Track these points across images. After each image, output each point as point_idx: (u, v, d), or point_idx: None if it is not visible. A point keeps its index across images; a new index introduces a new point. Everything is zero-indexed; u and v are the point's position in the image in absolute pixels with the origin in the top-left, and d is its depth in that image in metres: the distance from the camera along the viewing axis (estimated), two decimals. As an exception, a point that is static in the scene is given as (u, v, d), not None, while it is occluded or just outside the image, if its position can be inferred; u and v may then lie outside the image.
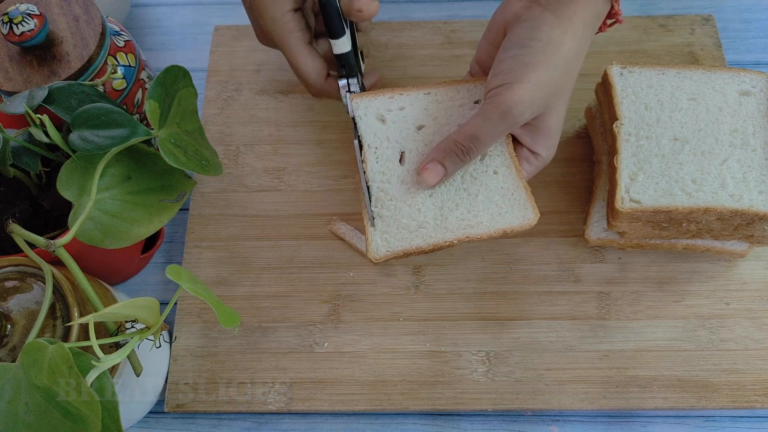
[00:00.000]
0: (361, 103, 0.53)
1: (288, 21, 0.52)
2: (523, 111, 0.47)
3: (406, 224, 0.51)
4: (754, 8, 0.70)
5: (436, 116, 0.53)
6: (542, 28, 0.47)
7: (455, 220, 0.51)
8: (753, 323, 0.54)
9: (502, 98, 0.46)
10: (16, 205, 0.51)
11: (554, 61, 0.47)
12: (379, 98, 0.54)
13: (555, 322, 0.55)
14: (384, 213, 0.51)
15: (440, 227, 0.51)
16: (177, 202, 0.49)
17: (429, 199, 0.51)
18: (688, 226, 0.52)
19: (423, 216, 0.51)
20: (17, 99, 0.46)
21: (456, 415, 0.54)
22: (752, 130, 0.53)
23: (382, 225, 0.51)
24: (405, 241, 0.50)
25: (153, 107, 0.45)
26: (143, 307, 0.39)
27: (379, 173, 0.52)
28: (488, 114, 0.47)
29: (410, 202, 0.51)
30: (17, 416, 0.36)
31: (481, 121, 0.48)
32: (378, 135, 0.53)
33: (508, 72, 0.47)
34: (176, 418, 0.55)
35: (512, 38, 0.48)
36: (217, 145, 0.63)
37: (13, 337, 0.42)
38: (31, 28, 0.49)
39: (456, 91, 0.54)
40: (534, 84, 0.46)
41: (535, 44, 0.46)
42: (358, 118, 0.53)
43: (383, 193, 0.51)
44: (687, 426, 0.53)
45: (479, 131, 0.48)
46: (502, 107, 0.46)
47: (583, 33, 0.48)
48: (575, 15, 0.47)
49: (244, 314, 0.56)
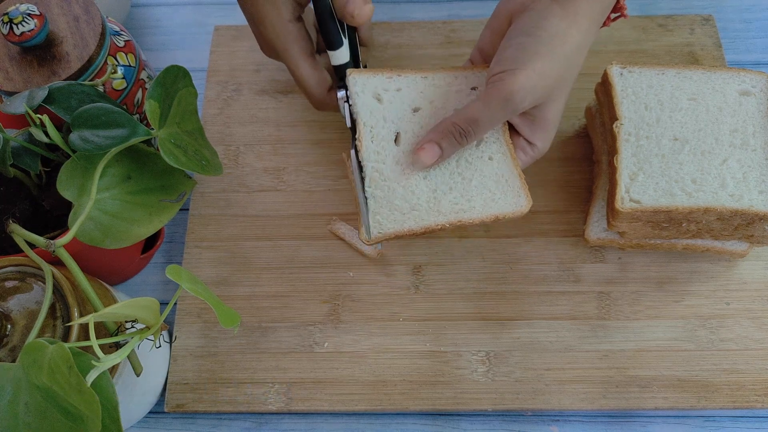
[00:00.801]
0: (359, 79, 0.53)
1: (289, 31, 0.52)
2: (524, 98, 0.47)
3: (399, 206, 0.50)
4: (754, 8, 0.70)
5: (433, 100, 0.53)
6: (549, 19, 0.47)
7: (448, 203, 0.51)
8: (753, 323, 0.54)
9: (504, 84, 0.46)
10: (16, 205, 0.51)
11: (558, 53, 0.47)
12: (377, 77, 0.53)
13: (555, 322, 0.55)
14: (377, 194, 0.51)
15: (433, 210, 0.50)
16: (177, 202, 0.49)
17: (423, 181, 0.51)
18: (688, 226, 0.52)
19: (416, 198, 0.51)
20: (17, 99, 0.46)
21: (456, 415, 0.54)
22: (752, 130, 0.53)
23: (375, 206, 0.50)
24: (397, 223, 0.50)
25: (153, 107, 0.45)
26: (143, 307, 0.39)
27: (374, 153, 0.51)
28: (489, 99, 0.47)
29: (404, 184, 0.51)
30: (17, 416, 0.36)
31: (481, 105, 0.48)
32: (374, 114, 0.52)
33: (511, 59, 0.47)
34: (176, 418, 0.55)
35: (518, 26, 0.48)
36: (217, 145, 0.63)
37: (13, 337, 0.42)
38: (31, 28, 0.49)
39: (454, 77, 0.54)
40: (537, 73, 0.46)
41: (541, 33, 0.46)
42: (354, 94, 0.52)
43: (377, 173, 0.51)
44: (687, 426, 0.53)
45: (479, 115, 0.48)
46: (504, 93, 0.46)
47: (588, 27, 0.48)
48: (581, 9, 0.47)
49: (244, 314, 0.56)
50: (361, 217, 0.51)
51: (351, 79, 0.53)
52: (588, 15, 0.47)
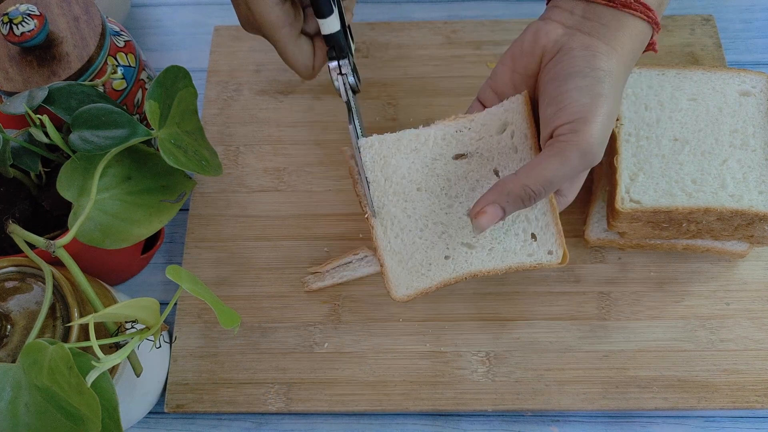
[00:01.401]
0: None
1: (277, 16, 0.50)
2: (601, 148, 0.43)
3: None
4: (754, 8, 0.70)
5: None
6: (600, 57, 0.43)
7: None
8: (753, 323, 0.54)
9: (581, 136, 0.42)
10: (16, 206, 0.51)
11: (615, 91, 0.43)
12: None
13: (555, 323, 0.55)
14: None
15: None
16: (177, 202, 0.49)
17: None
18: (688, 227, 0.52)
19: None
20: (17, 99, 0.46)
21: (456, 416, 0.54)
22: (752, 130, 0.53)
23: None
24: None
25: (153, 107, 0.45)
26: (143, 307, 0.39)
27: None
28: (566, 156, 0.42)
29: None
30: (17, 416, 0.36)
31: (557, 162, 0.42)
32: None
33: (577, 105, 0.42)
34: (176, 418, 0.55)
35: (568, 68, 0.44)
36: (217, 145, 0.63)
37: (13, 338, 0.42)
38: (31, 29, 0.49)
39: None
40: (606, 116, 0.42)
41: (598, 74, 0.43)
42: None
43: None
44: (687, 426, 0.53)
45: (554, 174, 0.42)
46: (583, 146, 0.42)
47: (630, 62, 0.45)
48: (625, 44, 0.45)
49: (244, 314, 0.56)
50: (366, 200, 0.50)
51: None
52: (629, 52, 0.45)
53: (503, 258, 0.49)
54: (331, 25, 0.51)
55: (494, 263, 0.49)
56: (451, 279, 0.49)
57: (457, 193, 0.50)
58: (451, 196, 0.50)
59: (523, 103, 0.49)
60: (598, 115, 0.42)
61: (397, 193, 0.50)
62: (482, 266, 0.49)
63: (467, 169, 0.50)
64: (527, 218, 0.49)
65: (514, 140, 0.49)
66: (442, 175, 0.50)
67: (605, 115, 0.42)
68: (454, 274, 0.49)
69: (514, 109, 0.49)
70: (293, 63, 0.54)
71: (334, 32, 0.51)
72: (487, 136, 0.50)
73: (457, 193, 0.50)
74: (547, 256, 0.48)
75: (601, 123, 0.42)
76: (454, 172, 0.50)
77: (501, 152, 0.49)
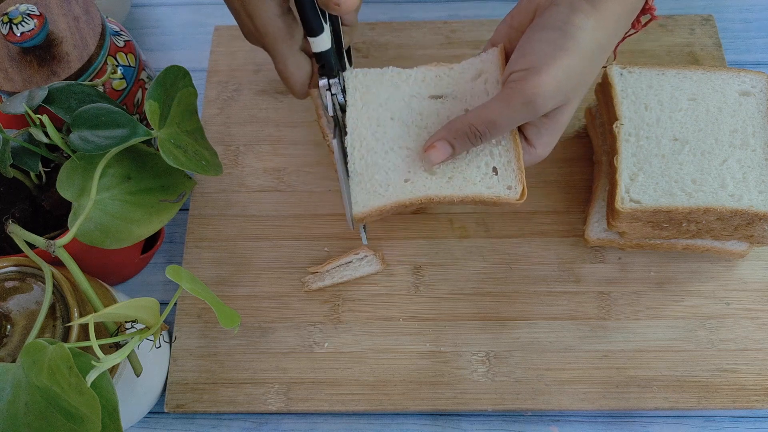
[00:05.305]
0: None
1: (279, 28, 0.49)
2: (547, 101, 0.44)
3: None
4: (754, 8, 0.70)
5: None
6: (578, 14, 0.44)
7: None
8: (753, 323, 0.54)
9: (526, 84, 0.43)
10: (16, 205, 0.51)
11: (585, 50, 0.43)
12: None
13: (555, 322, 0.55)
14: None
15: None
16: (177, 202, 0.49)
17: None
18: (688, 226, 0.52)
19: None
20: (17, 99, 0.46)
21: (456, 416, 0.54)
22: (752, 130, 0.53)
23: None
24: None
25: (153, 107, 0.45)
26: (143, 307, 0.39)
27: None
28: (509, 100, 0.44)
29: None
30: (17, 416, 0.36)
31: (500, 106, 0.44)
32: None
33: (535, 54, 0.43)
34: (176, 418, 0.55)
35: (543, 20, 0.45)
36: (217, 145, 0.63)
37: (13, 338, 0.42)
38: (31, 29, 0.49)
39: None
40: (563, 71, 0.43)
41: (569, 28, 0.43)
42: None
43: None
44: (687, 426, 0.53)
45: (497, 117, 0.45)
46: (526, 94, 0.43)
47: (614, 29, 0.45)
48: (610, 7, 0.44)
49: (244, 314, 0.56)
50: (345, 207, 0.50)
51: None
52: (615, 15, 0.45)
53: (462, 187, 0.49)
54: (321, 44, 0.50)
55: (452, 190, 0.49)
56: (407, 200, 0.49)
57: (426, 125, 0.51)
58: (421, 127, 0.51)
59: (497, 54, 0.51)
60: (553, 67, 0.42)
61: (371, 118, 0.52)
62: (440, 192, 0.49)
63: (440, 107, 0.51)
64: (491, 153, 0.50)
65: (487, 86, 0.51)
66: (416, 110, 0.52)
67: (562, 69, 0.43)
68: (411, 196, 0.49)
69: (489, 60, 0.51)
70: (289, 77, 0.52)
71: (324, 51, 0.51)
72: (463, 81, 0.52)
73: (427, 125, 0.51)
74: (506, 190, 0.49)
75: (554, 77, 0.42)
76: (428, 108, 0.52)
77: (473, 95, 0.51)
